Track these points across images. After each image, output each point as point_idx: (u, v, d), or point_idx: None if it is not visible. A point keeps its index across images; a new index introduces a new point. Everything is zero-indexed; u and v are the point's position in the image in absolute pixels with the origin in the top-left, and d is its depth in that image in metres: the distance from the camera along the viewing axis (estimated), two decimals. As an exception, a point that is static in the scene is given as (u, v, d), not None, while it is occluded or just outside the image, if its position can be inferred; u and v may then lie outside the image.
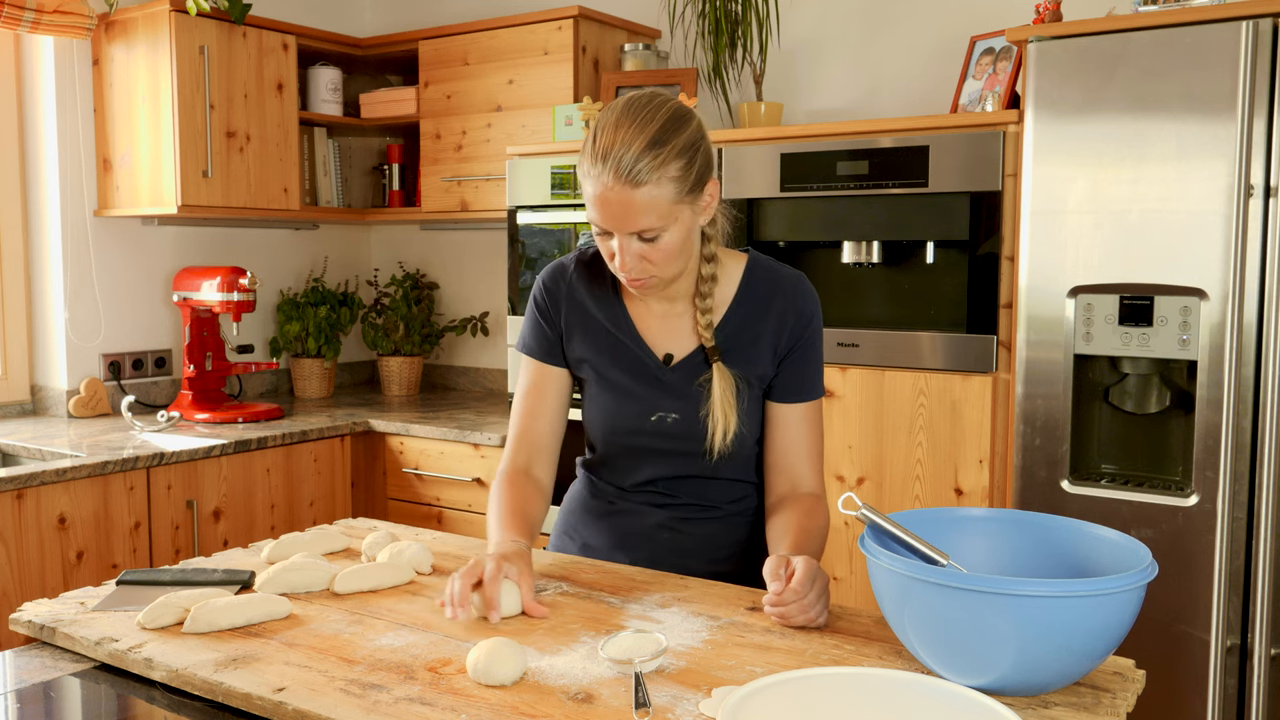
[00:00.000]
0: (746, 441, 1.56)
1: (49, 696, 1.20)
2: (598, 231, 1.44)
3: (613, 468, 1.63)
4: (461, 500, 3.15)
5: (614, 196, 1.38)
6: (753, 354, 1.54)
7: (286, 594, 1.43)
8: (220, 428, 3.08)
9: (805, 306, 1.56)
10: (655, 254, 1.42)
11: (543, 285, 1.63)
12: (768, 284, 1.56)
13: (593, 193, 1.40)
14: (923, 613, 1.10)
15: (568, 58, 3.17)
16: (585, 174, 1.41)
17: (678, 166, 1.39)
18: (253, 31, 3.27)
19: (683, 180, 1.40)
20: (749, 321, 1.55)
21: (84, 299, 3.28)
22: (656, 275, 1.45)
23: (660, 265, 1.44)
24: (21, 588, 2.46)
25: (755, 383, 1.55)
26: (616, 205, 1.38)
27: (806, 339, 1.56)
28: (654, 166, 1.37)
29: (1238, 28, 2.01)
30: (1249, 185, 2.02)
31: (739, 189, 2.67)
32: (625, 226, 1.40)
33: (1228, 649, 2.11)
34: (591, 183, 1.40)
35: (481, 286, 3.92)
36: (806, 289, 1.57)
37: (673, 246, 1.43)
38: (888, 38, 3.07)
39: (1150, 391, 2.24)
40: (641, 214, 1.38)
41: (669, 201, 1.39)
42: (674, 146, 1.39)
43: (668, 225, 1.41)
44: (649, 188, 1.37)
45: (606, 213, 1.40)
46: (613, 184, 1.37)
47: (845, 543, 2.57)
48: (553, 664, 1.19)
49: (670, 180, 1.39)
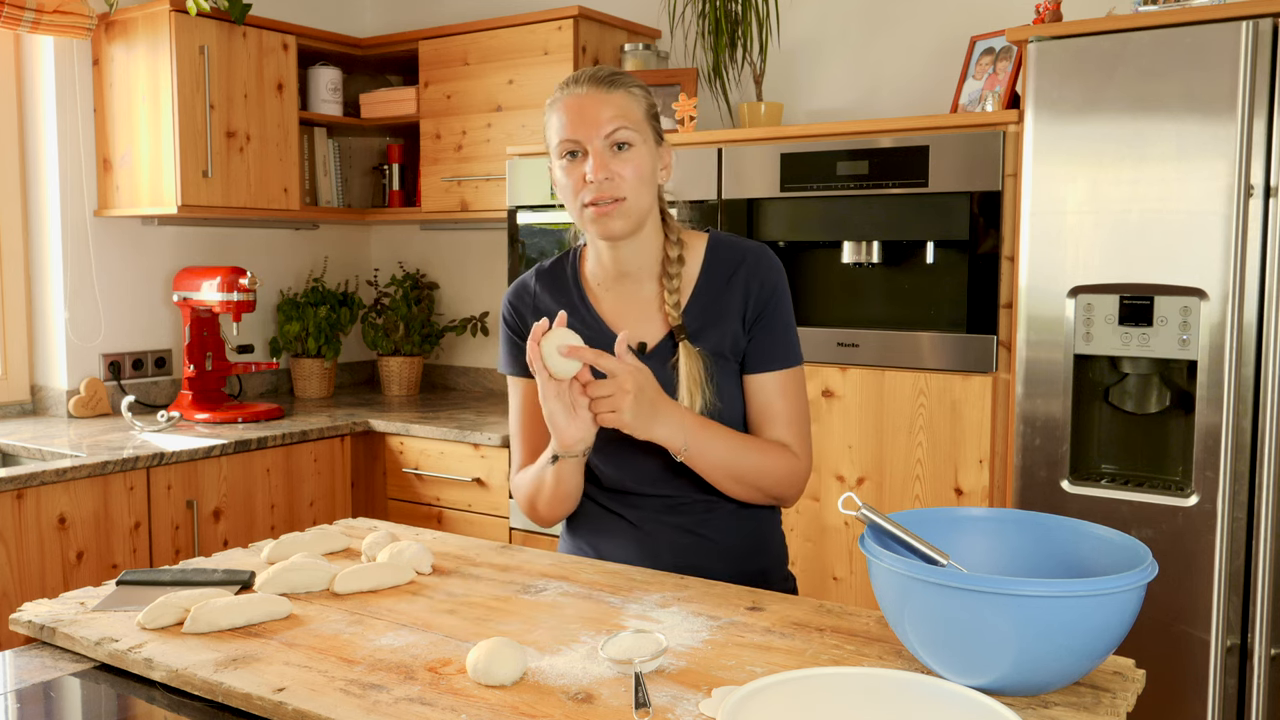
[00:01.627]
0: (725, 420, 1.55)
1: (49, 696, 1.20)
2: (568, 154, 1.49)
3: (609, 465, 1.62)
4: (461, 500, 3.15)
5: (588, 100, 1.48)
6: (723, 328, 1.55)
7: (286, 594, 1.43)
8: (220, 428, 3.08)
9: (768, 276, 1.56)
10: (626, 168, 1.48)
11: (509, 305, 1.67)
12: (730, 259, 1.58)
13: (565, 108, 1.49)
14: (923, 613, 1.10)
15: (568, 58, 3.17)
16: (554, 101, 1.51)
17: (642, 90, 1.53)
18: (253, 31, 3.27)
19: (647, 102, 1.52)
20: (715, 297, 1.56)
21: (84, 299, 3.28)
22: (625, 198, 1.48)
23: (629, 185, 1.48)
24: (21, 588, 2.46)
25: (730, 356, 1.55)
26: (592, 106, 1.47)
27: (772, 305, 1.56)
28: (623, 80, 1.51)
29: (1238, 28, 2.01)
30: (1249, 185, 2.02)
31: (739, 189, 2.67)
32: (600, 128, 1.46)
33: (1228, 649, 2.11)
34: (563, 101, 1.50)
35: (481, 286, 3.92)
36: (768, 259, 1.58)
37: (642, 165, 1.49)
38: (888, 38, 3.07)
39: (1150, 391, 2.24)
40: (616, 113, 1.47)
41: (639, 114, 1.50)
42: (634, 78, 1.53)
43: (636, 137, 1.48)
44: (621, 92, 1.49)
45: (579, 118, 1.47)
46: (588, 89, 1.48)
47: (845, 543, 2.57)
48: (553, 664, 1.19)
49: (638, 96, 1.51)
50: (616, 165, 1.47)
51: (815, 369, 2.58)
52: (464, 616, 1.35)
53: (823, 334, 2.58)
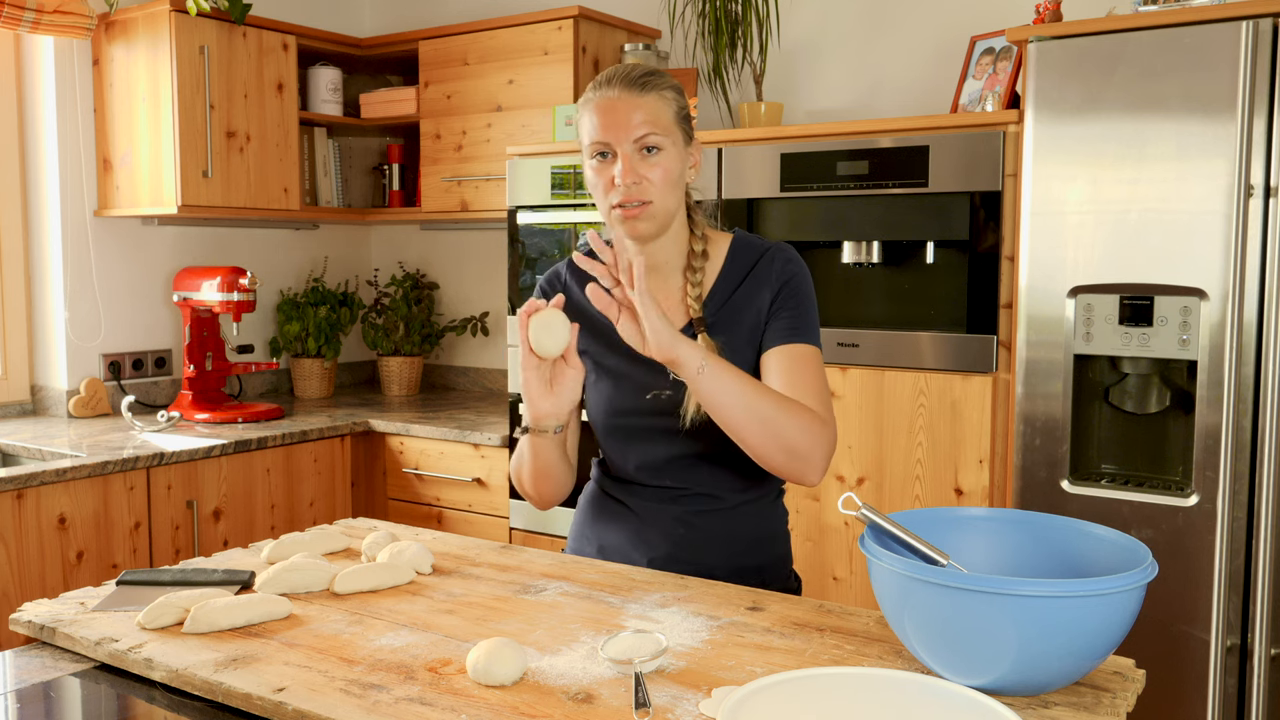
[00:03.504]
0: None
1: (49, 696, 1.20)
2: (598, 156, 1.51)
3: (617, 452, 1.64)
4: (461, 500, 3.15)
5: (620, 104, 1.48)
6: (742, 320, 1.57)
7: (286, 594, 1.43)
8: (220, 428, 3.08)
9: (786, 266, 1.59)
10: (653, 172, 1.49)
11: (541, 289, 1.71)
12: (751, 255, 1.60)
13: (596, 109, 1.50)
14: (923, 613, 1.10)
15: (568, 58, 3.17)
16: (587, 104, 1.51)
17: (673, 92, 1.53)
18: (253, 31, 3.27)
19: (678, 104, 1.53)
20: (735, 290, 1.58)
21: (84, 299, 3.28)
22: (651, 201, 1.49)
23: (656, 189, 1.49)
24: (21, 588, 2.46)
25: (747, 348, 1.56)
26: (623, 110, 1.48)
27: (791, 289, 1.57)
28: (654, 84, 1.51)
29: (1238, 28, 2.01)
30: (1249, 185, 2.02)
31: (739, 189, 2.67)
32: (629, 131, 1.48)
33: (1228, 649, 2.11)
34: (595, 102, 1.50)
35: (481, 286, 3.92)
36: (788, 253, 1.61)
37: (670, 169, 1.50)
38: (888, 38, 3.07)
39: (1150, 391, 2.24)
40: (646, 117, 1.48)
41: (669, 118, 1.51)
42: (667, 78, 1.54)
43: (666, 141, 1.49)
44: (653, 96, 1.50)
45: (611, 121, 1.48)
46: (619, 92, 1.49)
47: (845, 543, 2.57)
48: (553, 664, 1.19)
49: (670, 99, 1.51)
50: (645, 169, 1.49)
51: (815, 369, 2.58)
52: (464, 616, 1.35)
53: (823, 334, 2.57)
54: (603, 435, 1.65)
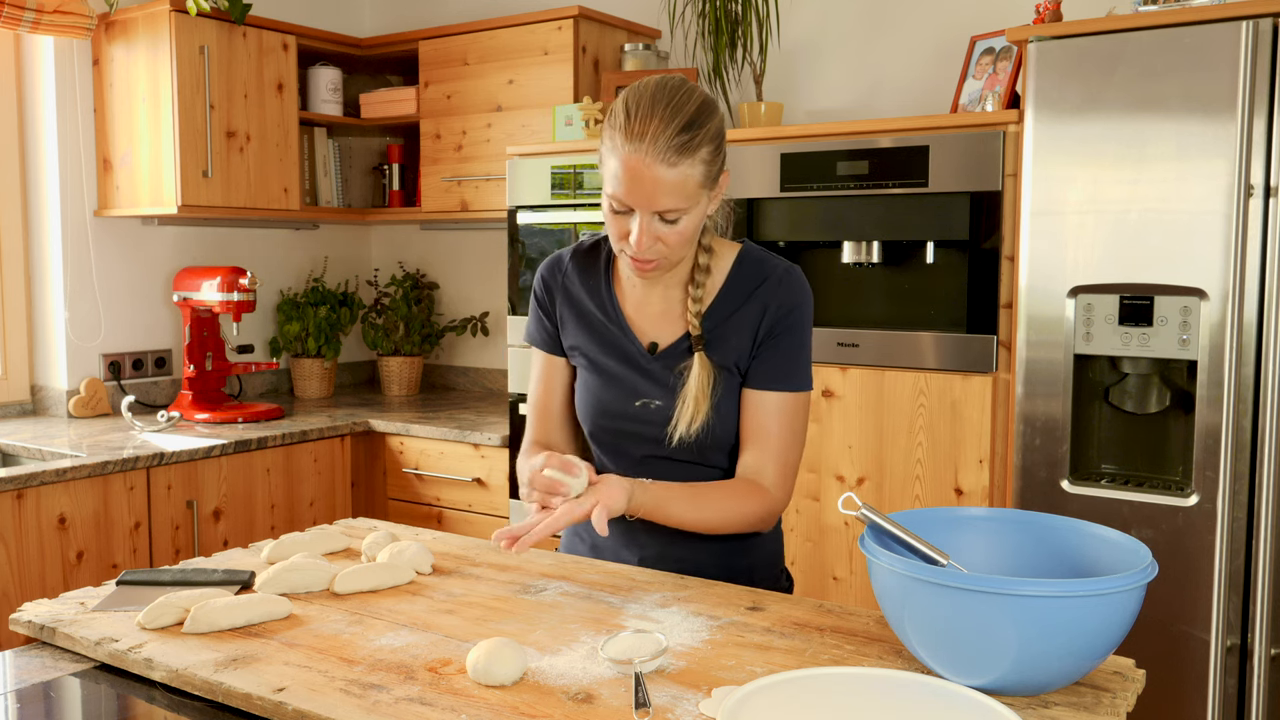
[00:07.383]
0: (717, 434, 1.55)
1: (49, 696, 1.20)
2: (615, 209, 1.45)
3: (604, 452, 1.65)
4: (462, 500, 3.15)
5: (648, 173, 1.40)
6: (734, 342, 1.55)
7: (286, 594, 1.43)
8: (220, 428, 3.08)
9: (789, 297, 1.55)
10: (671, 236, 1.45)
11: (540, 278, 1.68)
12: (756, 274, 1.57)
13: (622, 168, 1.41)
14: (923, 613, 1.10)
15: (568, 58, 3.17)
16: (615, 149, 1.42)
17: (708, 151, 1.43)
18: (253, 31, 3.27)
19: (710, 165, 1.44)
20: (733, 309, 1.56)
21: (84, 299, 3.28)
22: (666, 258, 1.48)
23: (672, 249, 1.47)
24: (21, 588, 2.46)
25: (734, 371, 1.55)
26: (649, 182, 1.40)
27: (786, 327, 1.54)
28: (689, 149, 1.40)
29: (1238, 28, 2.01)
30: (1249, 185, 2.02)
31: (739, 189, 2.67)
32: (651, 204, 1.42)
33: (1228, 649, 2.11)
34: (623, 159, 1.41)
35: (481, 286, 3.92)
36: (795, 280, 1.56)
37: (688, 231, 1.46)
38: (888, 38, 3.07)
39: (1150, 391, 2.24)
40: (670, 194, 1.41)
41: (696, 185, 1.43)
42: (706, 132, 1.42)
43: (689, 209, 1.44)
44: (682, 168, 1.40)
45: (636, 189, 1.41)
46: (649, 161, 1.39)
47: (845, 543, 2.57)
48: (553, 664, 1.19)
49: (701, 164, 1.42)
50: (662, 231, 1.44)
51: (815, 369, 2.58)
52: (464, 616, 1.35)
53: (823, 334, 2.58)
54: (590, 435, 1.65)
